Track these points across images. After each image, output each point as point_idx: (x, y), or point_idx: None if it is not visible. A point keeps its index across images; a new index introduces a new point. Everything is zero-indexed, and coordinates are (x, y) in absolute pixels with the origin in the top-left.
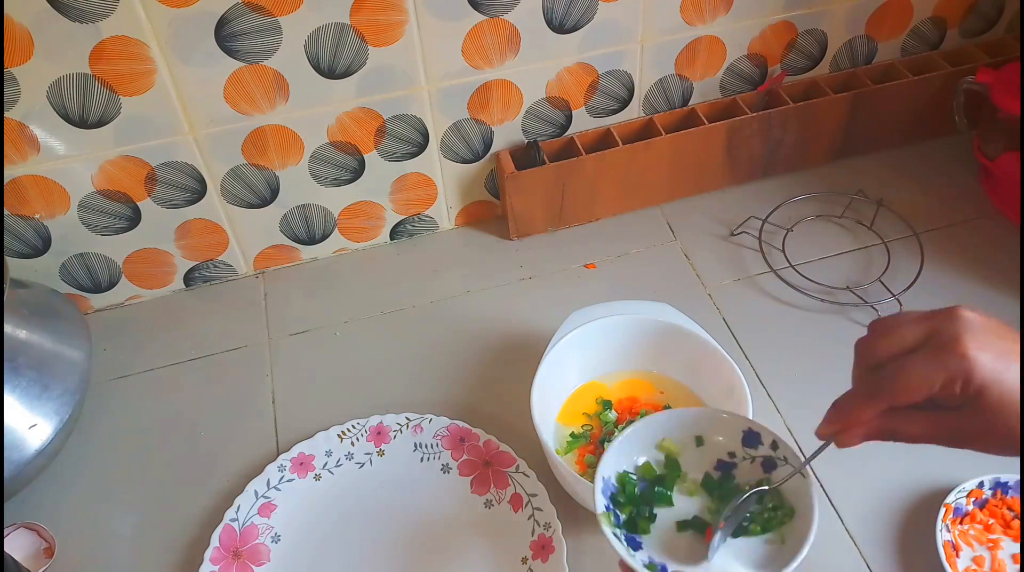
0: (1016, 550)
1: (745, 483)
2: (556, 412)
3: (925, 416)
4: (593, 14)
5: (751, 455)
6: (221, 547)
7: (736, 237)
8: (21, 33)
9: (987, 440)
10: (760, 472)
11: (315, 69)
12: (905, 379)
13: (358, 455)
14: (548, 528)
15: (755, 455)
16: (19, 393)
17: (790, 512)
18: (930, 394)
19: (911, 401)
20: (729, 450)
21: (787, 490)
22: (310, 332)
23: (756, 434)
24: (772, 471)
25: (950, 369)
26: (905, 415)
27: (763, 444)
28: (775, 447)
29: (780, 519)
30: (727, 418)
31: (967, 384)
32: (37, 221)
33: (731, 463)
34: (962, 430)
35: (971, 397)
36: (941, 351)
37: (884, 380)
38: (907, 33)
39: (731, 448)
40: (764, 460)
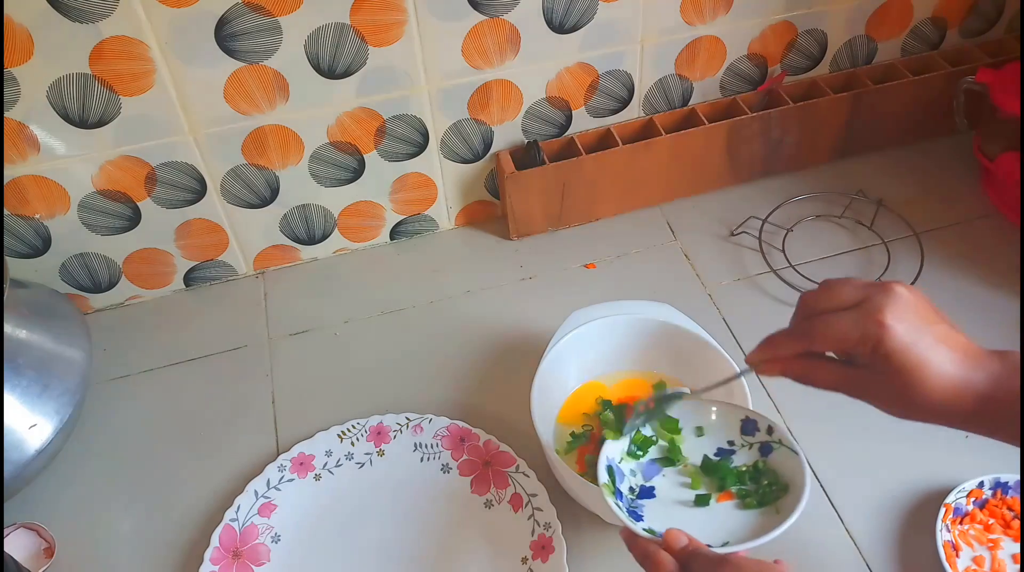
0: (1016, 550)
1: (742, 466)
2: (556, 412)
3: (837, 367)
4: (593, 14)
5: (748, 441)
6: (221, 547)
7: (736, 237)
8: (21, 33)
9: (883, 398)
10: (757, 456)
11: (315, 69)
12: (827, 329)
13: (358, 455)
14: (548, 528)
15: (752, 441)
16: (19, 393)
17: (784, 487)
18: (844, 348)
19: (828, 349)
20: (729, 439)
21: (781, 468)
22: (310, 332)
23: (753, 421)
24: (768, 454)
25: (867, 330)
26: (821, 363)
27: (760, 430)
28: (770, 432)
29: (775, 494)
30: (727, 408)
31: (877, 346)
32: (37, 221)
33: (730, 450)
34: (863, 385)
35: (880, 359)
36: (864, 315)
37: (811, 326)
38: (907, 33)
39: (731, 437)
40: (761, 445)
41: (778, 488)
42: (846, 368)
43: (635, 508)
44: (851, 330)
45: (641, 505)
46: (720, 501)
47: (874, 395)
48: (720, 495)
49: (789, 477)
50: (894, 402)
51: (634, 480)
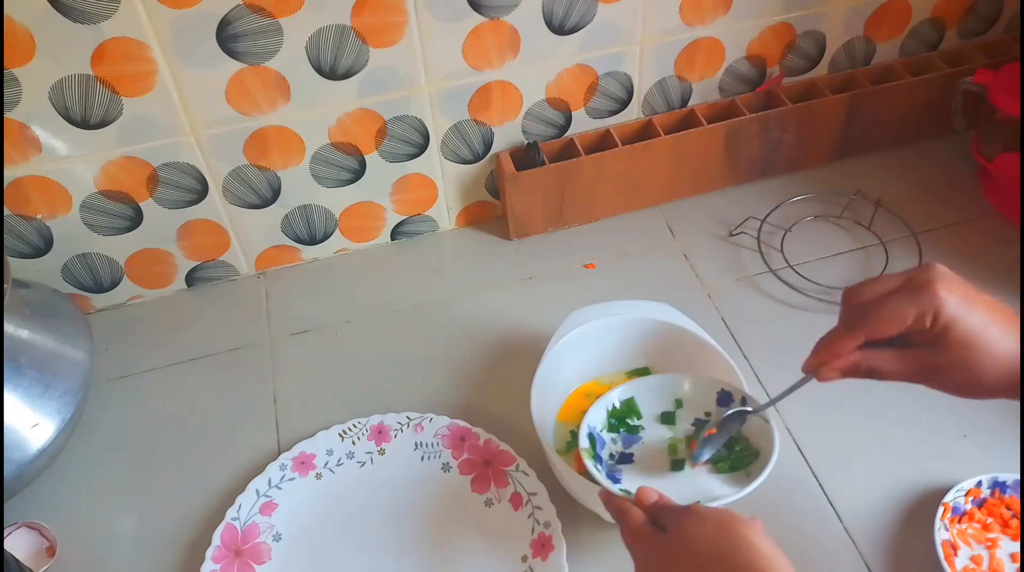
0: (1014, 549)
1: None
2: (556, 412)
3: (898, 353)
4: (593, 15)
5: (723, 412)
6: (223, 546)
7: (735, 237)
8: (23, 34)
9: (951, 376)
10: (735, 424)
11: (316, 70)
12: (882, 313)
13: (359, 454)
14: (548, 527)
15: (727, 412)
16: (21, 393)
17: (755, 453)
18: (903, 327)
19: (887, 333)
20: (705, 410)
21: (753, 435)
22: (311, 332)
23: (728, 393)
24: (744, 424)
25: (922, 304)
26: (881, 352)
27: (735, 401)
28: (744, 402)
29: (747, 459)
30: (703, 381)
31: (936, 319)
32: (39, 221)
33: (707, 421)
34: (930, 365)
35: (939, 333)
36: (915, 291)
37: (864, 315)
38: (906, 34)
39: (707, 408)
40: (736, 414)
41: (749, 454)
42: (908, 351)
43: (614, 472)
44: (906, 308)
45: (620, 469)
46: (694, 466)
47: (942, 374)
48: (707, 430)
49: (761, 443)
50: (963, 378)
51: (615, 447)
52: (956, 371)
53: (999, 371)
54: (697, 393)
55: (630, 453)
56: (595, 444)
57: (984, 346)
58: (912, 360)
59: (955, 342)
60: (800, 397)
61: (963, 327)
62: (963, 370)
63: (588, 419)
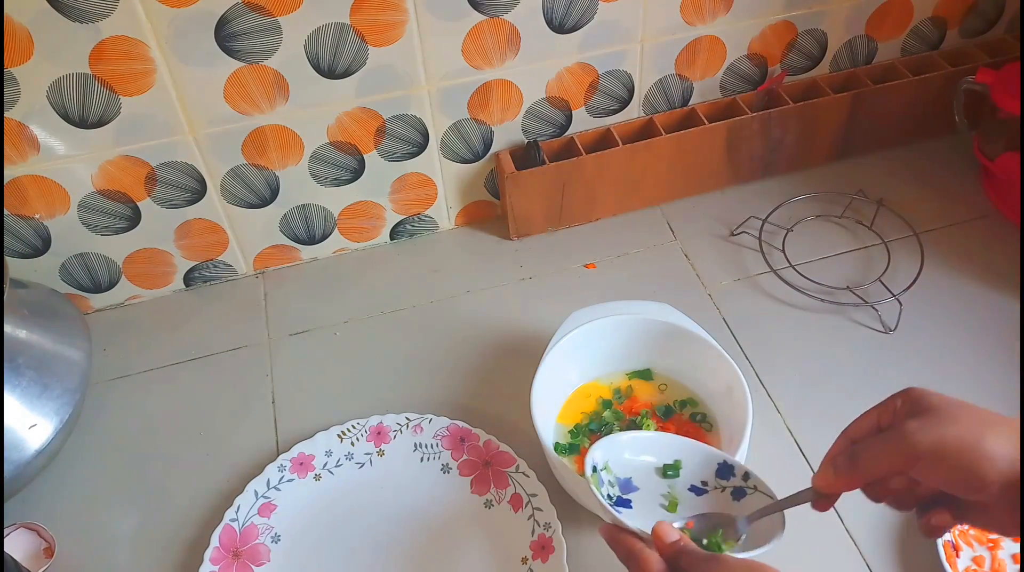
0: (1016, 550)
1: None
2: (556, 412)
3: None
4: (593, 14)
5: (722, 485)
6: (221, 547)
7: (736, 237)
8: (21, 33)
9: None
10: (730, 500)
11: (315, 69)
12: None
13: (358, 455)
14: (548, 528)
15: (726, 485)
16: (19, 393)
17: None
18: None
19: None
20: (702, 479)
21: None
22: (310, 332)
23: (730, 467)
24: (741, 498)
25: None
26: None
27: (735, 476)
28: (746, 477)
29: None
30: (706, 451)
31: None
32: (37, 221)
33: (703, 489)
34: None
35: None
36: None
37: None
38: (907, 33)
39: (705, 477)
40: (734, 489)
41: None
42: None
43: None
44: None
45: (619, 510)
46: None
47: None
48: (690, 520)
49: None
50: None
51: (612, 490)
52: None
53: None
54: (697, 459)
55: (628, 500)
56: (597, 480)
57: (979, 451)
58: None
59: (934, 406)
60: (801, 397)
61: (934, 401)
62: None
63: (593, 453)
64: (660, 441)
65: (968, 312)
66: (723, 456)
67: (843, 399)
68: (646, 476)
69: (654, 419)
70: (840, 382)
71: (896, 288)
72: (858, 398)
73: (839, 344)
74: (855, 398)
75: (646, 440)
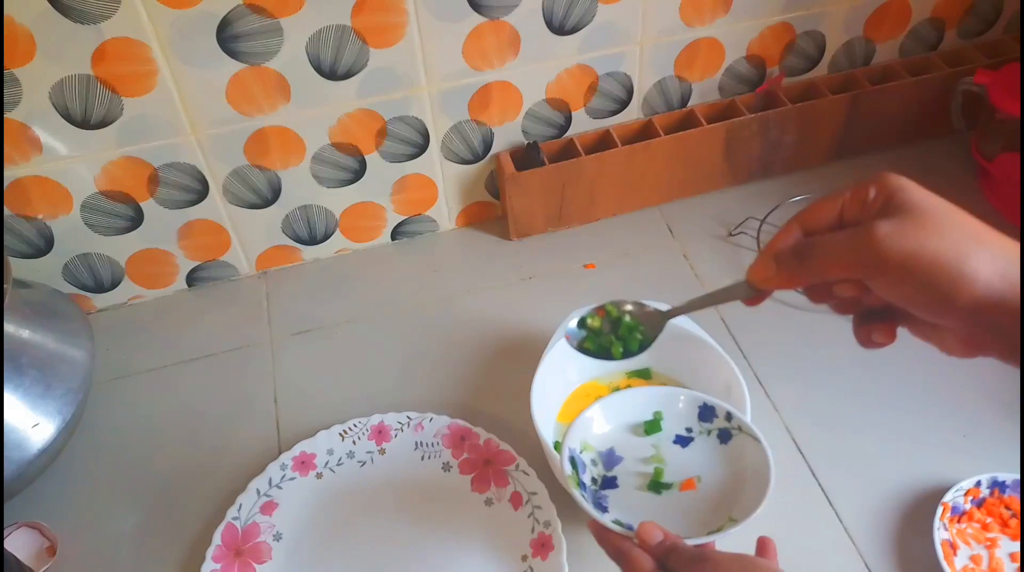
0: (1014, 549)
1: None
2: (556, 411)
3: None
4: (593, 16)
5: (707, 428)
6: (223, 545)
7: (735, 237)
8: (23, 34)
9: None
10: (716, 443)
11: (316, 70)
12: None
13: (359, 453)
14: (548, 526)
15: (711, 428)
16: (22, 392)
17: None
18: (841, 201)
19: (826, 213)
20: (687, 425)
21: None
22: (312, 332)
23: (711, 408)
24: (727, 441)
25: (864, 181)
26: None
27: (718, 416)
28: (729, 418)
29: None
30: (685, 394)
31: (880, 188)
32: (40, 221)
33: (688, 438)
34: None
35: (883, 204)
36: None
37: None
38: (905, 34)
39: (688, 424)
40: (720, 431)
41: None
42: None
43: (600, 499)
44: (849, 188)
45: (605, 496)
46: (683, 490)
47: (907, 241)
48: (683, 483)
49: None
50: (942, 245)
51: (596, 470)
52: (922, 298)
53: (975, 298)
54: (676, 406)
55: (613, 477)
56: (577, 468)
57: (958, 272)
58: (856, 229)
59: (913, 206)
60: (800, 397)
61: (915, 199)
62: (933, 297)
63: (568, 441)
64: (634, 399)
65: None
66: (702, 397)
67: (843, 399)
68: (627, 441)
69: None
70: (840, 382)
71: None
72: (856, 397)
73: (839, 344)
74: (853, 397)
75: (619, 403)
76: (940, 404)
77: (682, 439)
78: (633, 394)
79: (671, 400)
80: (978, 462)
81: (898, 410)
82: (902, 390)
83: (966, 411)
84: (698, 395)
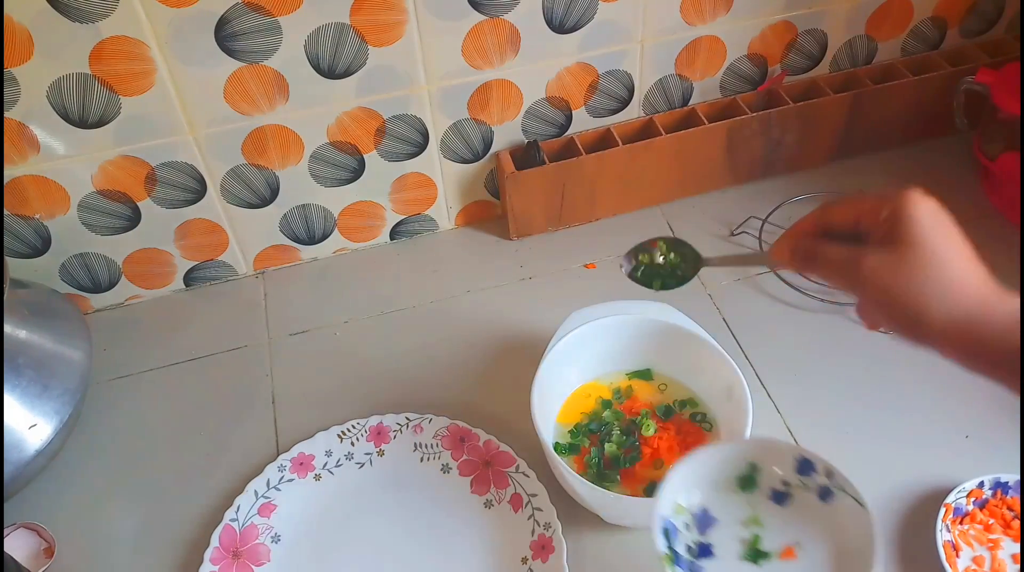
0: (1016, 550)
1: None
2: (556, 412)
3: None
4: (593, 14)
5: (804, 483)
6: (221, 547)
7: (736, 237)
8: (21, 33)
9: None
10: (817, 501)
11: (315, 69)
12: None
13: (358, 455)
14: (548, 528)
15: (809, 483)
16: (19, 393)
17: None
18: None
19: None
20: (783, 479)
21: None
22: (310, 332)
23: (810, 462)
24: (828, 499)
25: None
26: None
27: (817, 472)
28: (830, 475)
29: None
30: (779, 445)
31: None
32: (37, 221)
33: (786, 493)
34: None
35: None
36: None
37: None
38: (907, 33)
39: (785, 477)
40: (820, 489)
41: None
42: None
43: (696, 570)
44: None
45: (702, 568)
46: (783, 559)
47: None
48: (783, 551)
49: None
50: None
51: (689, 535)
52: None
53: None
54: (772, 457)
55: (708, 544)
56: (671, 539)
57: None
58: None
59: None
60: (802, 398)
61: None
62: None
63: (659, 507)
64: (725, 451)
65: None
66: (799, 449)
67: (843, 399)
68: (721, 499)
69: (654, 419)
70: (840, 382)
71: None
72: (858, 398)
73: (839, 344)
74: (855, 398)
75: (709, 457)
76: (942, 405)
77: (779, 495)
78: (724, 447)
79: (765, 451)
80: (980, 463)
81: (900, 411)
82: (904, 391)
83: (968, 412)
84: (794, 446)
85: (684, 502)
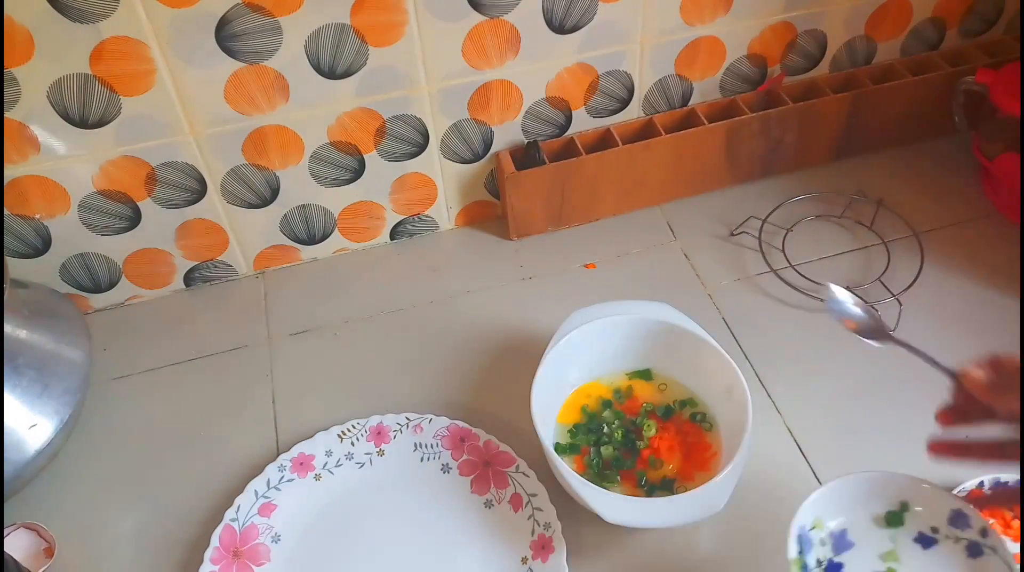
0: (1016, 550)
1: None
2: (556, 412)
3: None
4: (593, 14)
5: (955, 535)
6: (221, 547)
7: (736, 237)
8: (21, 33)
9: None
10: (963, 555)
11: (315, 69)
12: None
13: (358, 455)
14: (548, 528)
15: (960, 536)
16: (19, 393)
17: None
18: None
19: None
20: (932, 525)
21: None
22: (310, 332)
23: (966, 516)
24: (977, 556)
25: None
26: None
27: (971, 527)
28: (984, 534)
29: None
30: (938, 493)
31: None
32: (37, 221)
33: (932, 539)
34: None
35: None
36: None
37: None
38: (907, 33)
39: (935, 523)
40: (970, 544)
41: None
42: None
43: None
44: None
45: None
46: None
47: None
48: None
49: None
50: None
51: (822, 551)
52: None
53: None
54: (927, 501)
55: (839, 564)
56: (803, 547)
57: None
58: None
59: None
60: (802, 398)
61: None
62: None
63: (799, 517)
64: (881, 482)
65: (968, 312)
66: (958, 502)
67: (843, 399)
68: (863, 526)
69: (654, 419)
70: (840, 382)
71: (896, 288)
72: (858, 398)
73: (839, 344)
74: (855, 398)
75: (862, 483)
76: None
77: (925, 539)
78: (879, 476)
79: (921, 494)
80: None
81: (900, 411)
82: (904, 391)
83: None
84: (953, 497)
85: (825, 518)
